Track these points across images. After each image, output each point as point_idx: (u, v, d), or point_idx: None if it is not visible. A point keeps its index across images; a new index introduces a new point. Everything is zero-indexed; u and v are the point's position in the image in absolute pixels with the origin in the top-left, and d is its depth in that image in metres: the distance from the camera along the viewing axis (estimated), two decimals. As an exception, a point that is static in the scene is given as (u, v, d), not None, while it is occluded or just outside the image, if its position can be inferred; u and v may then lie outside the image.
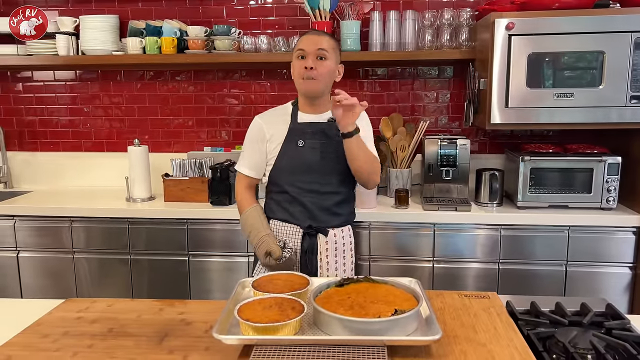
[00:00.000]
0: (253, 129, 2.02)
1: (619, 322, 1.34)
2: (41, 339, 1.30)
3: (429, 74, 3.12)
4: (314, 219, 1.94)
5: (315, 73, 1.85)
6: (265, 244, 1.86)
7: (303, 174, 1.92)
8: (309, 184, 1.92)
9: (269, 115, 2.03)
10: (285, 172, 1.94)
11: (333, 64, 1.91)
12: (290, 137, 1.93)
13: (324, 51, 1.86)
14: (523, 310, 1.44)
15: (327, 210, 1.96)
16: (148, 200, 2.91)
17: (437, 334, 1.12)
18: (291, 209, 1.94)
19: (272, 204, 2.01)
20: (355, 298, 1.23)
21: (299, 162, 1.92)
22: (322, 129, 1.94)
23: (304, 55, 1.87)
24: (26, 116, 3.37)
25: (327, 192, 1.95)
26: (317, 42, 1.87)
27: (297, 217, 1.94)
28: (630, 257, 2.52)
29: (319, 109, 1.98)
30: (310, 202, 1.93)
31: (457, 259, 2.62)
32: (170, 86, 3.26)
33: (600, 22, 2.38)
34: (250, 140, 2.02)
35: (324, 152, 1.92)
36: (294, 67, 1.91)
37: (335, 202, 1.97)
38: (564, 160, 2.61)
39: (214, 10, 3.14)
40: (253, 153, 2.00)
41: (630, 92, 2.40)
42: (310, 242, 1.93)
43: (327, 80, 1.91)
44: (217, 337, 1.11)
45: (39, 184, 3.36)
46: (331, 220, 1.97)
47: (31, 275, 2.85)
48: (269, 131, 1.96)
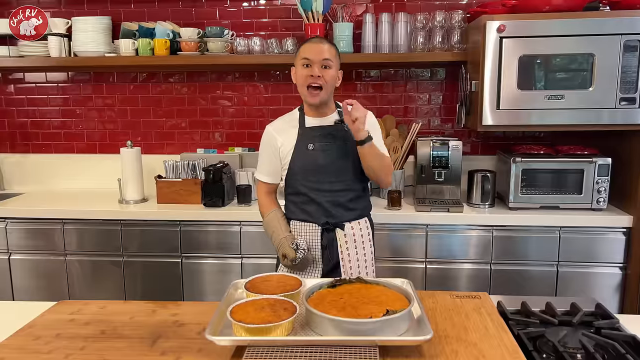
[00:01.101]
0: (265, 138, 2.11)
1: (608, 321, 1.36)
2: (33, 342, 1.30)
3: (421, 76, 3.13)
4: (330, 216, 2.02)
5: (322, 81, 1.93)
6: (282, 247, 1.98)
7: (316, 174, 2.01)
8: (321, 183, 2.01)
9: (279, 124, 2.12)
10: (299, 175, 2.03)
11: (336, 72, 1.99)
12: (300, 142, 2.02)
13: (329, 60, 1.94)
14: (514, 310, 1.45)
15: (342, 206, 2.04)
16: (141, 202, 2.91)
17: (428, 334, 1.13)
18: (308, 208, 2.04)
19: (291, 206, 2.10)
20: (348, 299, 1.24)
21: (310, 165, 2.01)
22: (329, 132, 2.03)
23: (309, 64, 1.94)
24: (18, 118, 3.36)
25: (339, 189, 2.03)
26: (321, 51, 1.94)
27: (314, 215, 2.03)
28: (620, 258, 2.55)
29: (324, 113, 2.06)
30: (324, 201, 2.01)
31: (449, 259, 2.63)
32: (163, 88, 3.26)
33: (590, 25, 2.40)
34: (264, 149, 2.12)
35: (333, 153, 2.01)
36: (299, 75, 1.98)
37: (349, 199, 2.05)
38: (555, 162, 2.63)
39: (206, 12, 3.15)
40: (268, 160, 2.10)
41: (620, 94, 2.42)
42: (328, 237, 2.02)
43: (331, 87, 2.00)
44: (210, 338, 1.12)
45: (31, 186, 3.34)
46: (347, 215, 2.05)
47: (23, 278, 2.84)
48: (280, 139, 2.06)
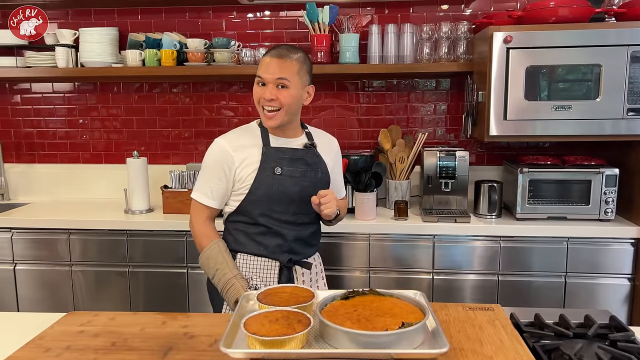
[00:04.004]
0: (217, 153, 1.77)
1: (624, 334, 1.35)
2: (44, 353, 1.29)
3: (427, 87, 3.14)
4: (292, 252, 1.80)
5: (277, 103, 1.70)
6: (234, 289, 1.68)
7: (281, 204, 1.76)
8: (286, 215, 1.77)
9: (235, 138, 1.80)
10: (261, 203, 1.75)
11: (297, 91, 1.73)
12: (265, 164, 1.74)
13: (285, 80, 1.69)
14: (527, 322, 1.44)
15: (303, 242, 1.83)
16: (147, 212, 2.90)
17: (445, 346, 1.12)
18: (266, 241, 1.78)
19: (241, 236, 1.81)
20: (362, 311, 1.23)
21: (277, 192, 1.74)
22: (300, 156, 1.80)
23: (263, 82, 1.72)
24: (24, 128, 3.36)
25: (304, 222, 1.82)
26: (276, 70, 1.68)
27: (272, 250, 1.78)
28: (628, 269, 2.53)
29: (291, 133, 1.83)
30: (288, 234, 1.78)
31: (456, 270, 2.62)
32: (168, 98, 3.26)
33: (596, 36, 2.41)
34: (212, 166, 1.77)
35: (303, 181, 1.78)
36: (254, 92, 1.75)
37: (311, 233, 1.86)
38: (562, 172, 2.63)
39: (213, 23, 3.16)
40: (217, 181, 1.76)
41: (627, 105, 2.43)
42: (287, 276, 1.78)
43: (292, 108, 1.74)
44: (224, 350, 1.11)
45: (37, 196, 3.34)
46: (307, 252, 1.87)
47: (28, 288, 2.82)
48: (238, 156, 1.75)
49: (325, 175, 1.85)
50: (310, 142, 1.84)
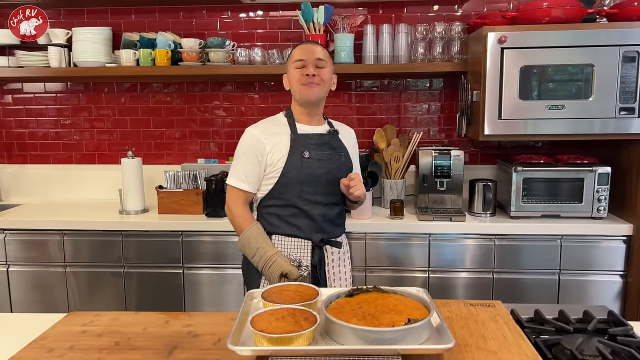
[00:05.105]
0: (250, 140, 1.92)
1: (622, 328, 1.37)
2: (47, 354, 1.28)
3: (421, 86, 3.16)
4: (322, 231, 1.92)
5: (317, 79, 1.88)
6: (277, 265, 1.79)
7: (310, 185, 1.89)
8: (315, 195, 1.90)
9: (266, 126, 1.95)
10: (292, 185, 1.88)
11: (330, 73, 1.95)
12: (294, 149, 1.89)
13: (323, 60, 1.90)
14: (528, 318, 1.46)
15: (331, 222, 1.96)
16: (142, 213, 2.89)
17: (450, 342, 1.13)
18: (298, 222, 1.90)
19: (274, 219, 1.93)
20: (367, 308, 1.24)
21: (307, 174, 1.88)
22: (326, 141, 1.95)
23: (303, 65, 1.89)
24: (16, 128, 3.33)
25: (331, 203, 1.95)
26: (314, 51, 1.90)
27: (305, 230, 1.90)
28: (620, 266, 2.57)
29: (315, 120, 1.99)
30: (317, 214, 1.91)
31: (451, 268, 2.64)
32: (162, 98, 3.25)
33: (589, 36, 2.44)
34: (246, 152, 1.91)
35: (329, 164, 1.92)
36: (293, 76, 1.92)
37: (337, 213, 1.99)
38: (555, 171, 2.66)
39: (207, 23, 3.15)
40: (251, 166, 1.90)
41: (619, 104, 2.46)
42: (319, 255, 1.91)
43: (327, 86, 1.94)
44: (232, 348, 1.11)
45: (29, 197, 3.31)
46: (335, 231, 1.99)
47: (21, 290, 2.79)
48: (269, 143, 1.89)
49: (348, 159, 2.00)
50: (333, 129, 2.00)
